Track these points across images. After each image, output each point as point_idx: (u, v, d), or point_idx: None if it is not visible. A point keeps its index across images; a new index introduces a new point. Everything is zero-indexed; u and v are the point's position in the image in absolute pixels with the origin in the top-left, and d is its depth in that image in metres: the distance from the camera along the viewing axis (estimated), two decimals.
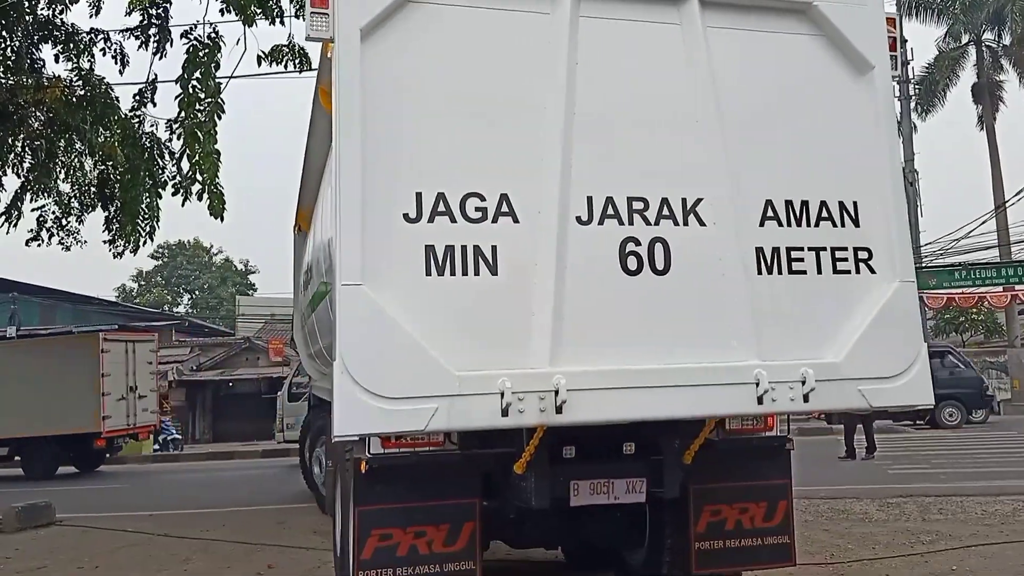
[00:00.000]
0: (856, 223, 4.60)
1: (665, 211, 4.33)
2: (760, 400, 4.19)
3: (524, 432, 4.51)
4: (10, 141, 11.58)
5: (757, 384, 4.17)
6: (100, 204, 12.14)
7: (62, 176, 12.22)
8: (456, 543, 4.84)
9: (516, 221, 4.14)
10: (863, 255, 4.58)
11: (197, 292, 59.92)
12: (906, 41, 30.74)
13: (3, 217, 11.73)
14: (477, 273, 4.05)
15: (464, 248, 4.05)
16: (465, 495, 4.90)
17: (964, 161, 77.57)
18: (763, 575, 5.84)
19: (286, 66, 10.14)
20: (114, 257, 12.03)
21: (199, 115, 9.37)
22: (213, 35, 9.85)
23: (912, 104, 31.88)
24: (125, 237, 11.72)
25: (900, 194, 4.69)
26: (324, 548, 7.78)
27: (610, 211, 4.27)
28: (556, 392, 3.93)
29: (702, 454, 4.99)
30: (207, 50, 9.53)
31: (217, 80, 9.67)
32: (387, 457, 4.73)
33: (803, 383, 4.24)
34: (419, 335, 3.88)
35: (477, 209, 4.10)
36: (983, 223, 28.08)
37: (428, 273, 3.98)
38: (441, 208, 4.06)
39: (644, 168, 4.37)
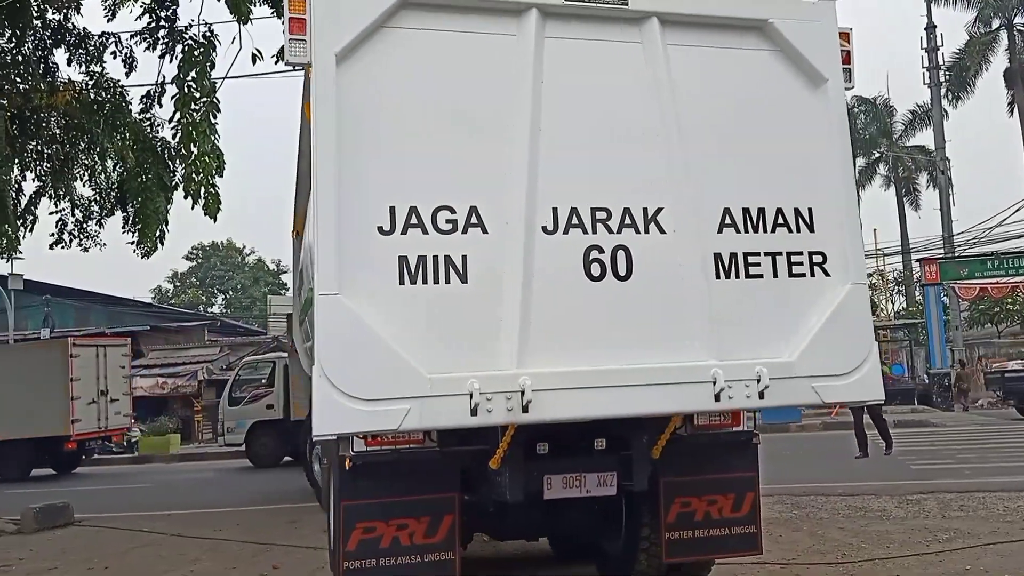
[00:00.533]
0: (811, 228, 4.85)
1: (627, 220, 4.59)
2: (717, 397, 4.45)
3: (499, 430, 4.77)
4: (28, 146, 11.80)
5: (714, 383, 4.43)
6: (120, 207, 12.36)
7: (84, 179, 12.43)
8: (436, 535, 5.11)
9: (485, 232, 4.40)
10: (818, 259, 4.83)
11: (230, 292, 60.55)
12: (935, 27, 30.52)
13: (19, 220, 11.96)
14: (448, 281, 4.31)
15: (436, 258, 4.31)
16: (444, 489, 5.16)
17: (996, 148, 76.92)
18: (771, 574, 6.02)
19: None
20: (141, 258, 12.19)
21: (195, 115, 9.45)
22: (208, 34, 9.97)
23: (943, 91, 31.66)
24: (140, 240, 11.92)
25: (852, 200, 4.94)
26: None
27: (575, 221, 4.52)
28: (522, 392, 4.19)
29: (672, 448, 5.24)
30: (202, 49, 9.62)
31: (212, 80, 9.78)
32: (370, 454, 5.00)
33: (758, 381, 4.48)
34: (393, 340, 4.15)
35: (448, 221, 4.36)
36: (1016, 211, 27.78)
37: (401, 282, 4.25)
38: (414, 220, 4.32)
39: (607, 180, 4.62)
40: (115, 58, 11.53)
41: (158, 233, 11.87)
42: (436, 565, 5.11)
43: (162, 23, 10.72)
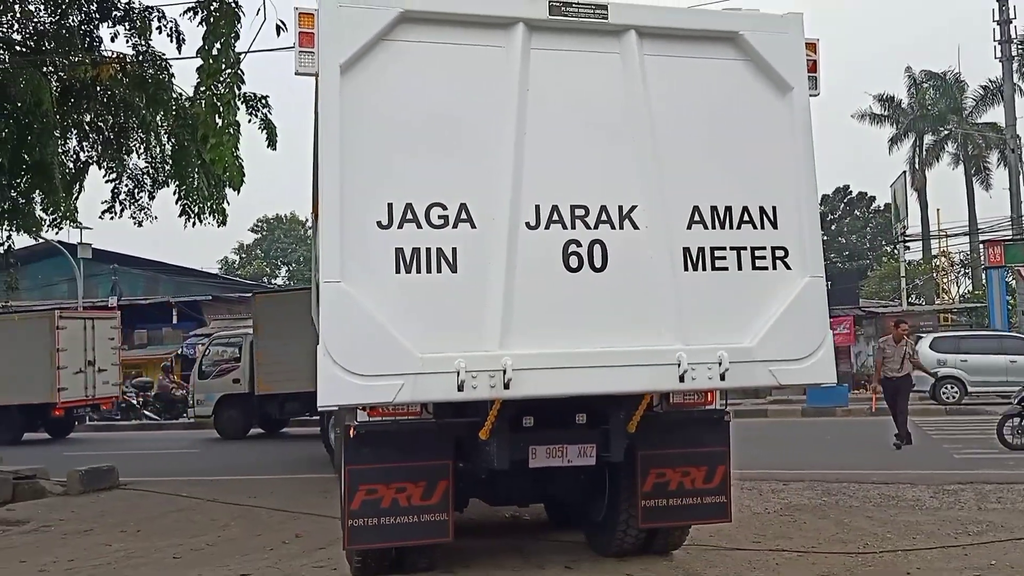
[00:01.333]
0: (775, 225, 5.30)
1: (604, 217, 5.07)
2: (681, 378, 4.94)
3: (487, 404, 5.29)
4: (84, 118, 12.05)
5: (678, 365, 4.92)
6: (170, 181, 12.53)
7: (137, 151, 12.60)
8: (432, 498, 5.65)
9: (473, 227, 4.90)
10: (780, 253, 5.29)
11: (293, 264, 61.63)
12: None
13: (72, 190, 12.26)
14: (439, 271, 4.82)
15: (428, 250, 4.82)
16: (439, 457, 5.69)
17: None
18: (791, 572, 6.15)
19: None
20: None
21: (220, 87, 9.25)
22: (233, 4, 9.75)
23: (1015, 65, 30.39)
24: (183, 213, 12.16)
25: (813, 199, 5.39)
26: None
27: (555, 217, 5.01)
28: (504, 371, 4.71)
29: (648, 424, 5.73)
30: (226, 20, 9.42)
31: (237, 52, 9.56)
32: (372, 424, 5.54)
33: (719, 364, 4.97)
34: (389, 323, 4.67)
35: (440, 217, 4.87)
36: None
37: (397, 271, 4.76)
38: (409, 216, 4.83)
39: (586, 180, 5.09)
40: (160, 33, 11.57)
41: (197, 208, 12.06)
42: (431, 525, 5.66)
43: None
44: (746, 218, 5.28)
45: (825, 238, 52.40)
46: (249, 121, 11.11)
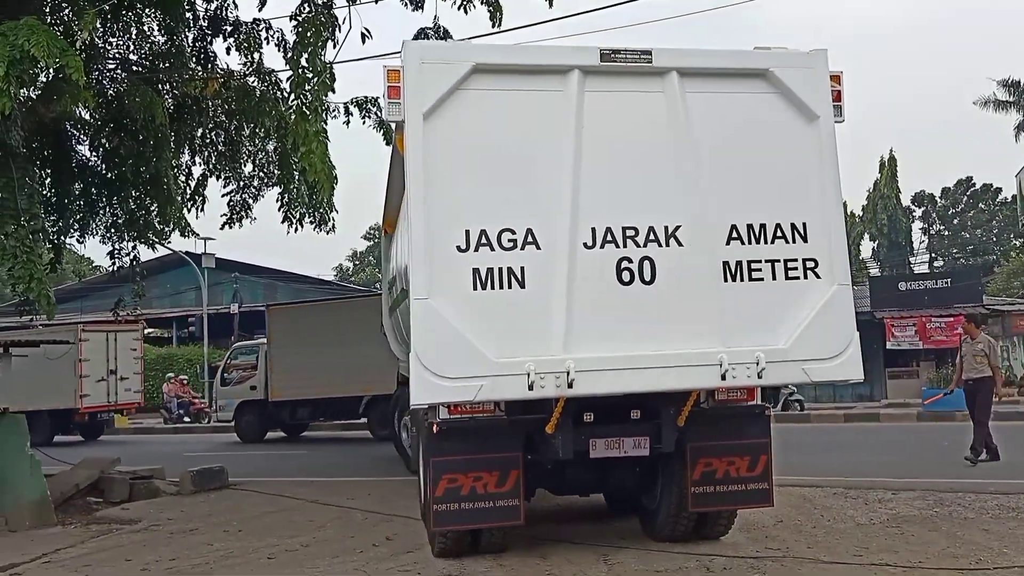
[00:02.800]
0: (805, 239, 5.97)
1: (651, 236, 5.80)
2: (723, 377, 5.65)
3: (552, 401, 6.05)
4: (196, 132, 12.85)
5: (720, 365, 5.62)
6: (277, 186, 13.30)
7: (248, 161, 13.40)
8: (505, 485, 6.42)
9: (538, 248, 5.68)
10: (810, 264, 5.95)
11: None
12: None
13: (190, 202, 13.20)
14: (510, 287, 5.61)
15: (500, 269, 5.61)
16: (511, 449, 6.47)
17: None
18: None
19: None
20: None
21: (308, 95, 9.56)
22: (324, 13, 10.23)
23: None
24: (285, 219, 13.00)
25: (839, 215, 6.06)
26: None
27: (609, 237, 5.76)
28: (567, 372, 5.48)
29: (696, 418, 6.44)
30: (315, 30, 9.78)
31: (325, 60, 9.84)
32: (453, 421, 6.34)
33: (757, 364, 5.67)
34: (469, 333, 5.47)
35: (509, 240, 5.66)
36: None
37: (475, 288, 5.56)
38: (483, 240, 5.63)
39: (635, 204, 5.83)
40: (268, 43, 12.07)
41: (299, 214, 12.85)
42: (505, 510, 6.43)
43: (315, 1, 10.78)
44: (779, 234, 5.95)
45: (947, 233, 50.93)
46: (363, 123, 11.78)
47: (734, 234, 5.92)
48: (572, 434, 6.28)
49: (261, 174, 13.45)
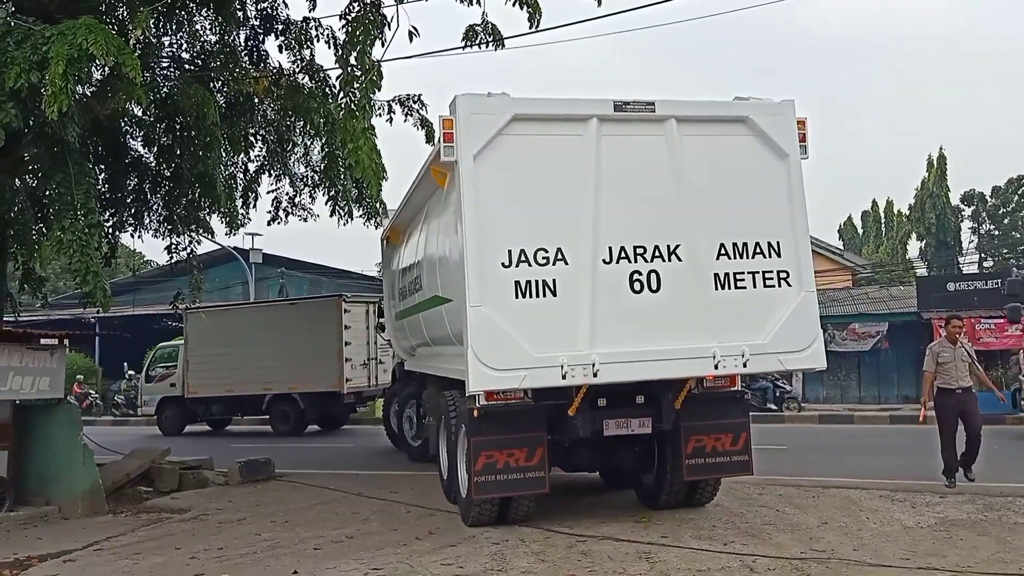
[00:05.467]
0: (779, 255, 7.37)
1: (657, 253, 7.14)
2: (716, 367, 7.02)
3: (573, 390, 7.33)
4: (248, 130, 12.88)
5: (713, 357, 6.99)
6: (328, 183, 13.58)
7: (298, 158, 13.70)
8: (533, 459, 7.65)
9: (567, 264, 6.97)
10: (784, 275, 7.35)
11: None
12: None
13: (241, 199, 13.53)
14: (545, 296, 6.89)
15: (537, 282, 6.89)
16: (537, 430, 7.69)
17: None
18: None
19: (480, 46, 10.12)
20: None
21: (356, 93, 9.42)
22: (373, 12, 10.02)
23: None
24: (333, 213, 13.51)
25: (805, 234, 7.47)
26: None
27: (623, 255, 7.08)
28: (592, 364, 6.79)
29: (689, 402, 7.78)
30: (364, 28, 9.65)
31: (373, 59, 9.67)
32: (490, 406, 7.51)
33: (742, 356, 7.05)
34: (513, 332, 6.74)
35: (543, 258, 6.94)
36: None
37: (517, 297, 6.84)
38: (523, 258, 6.90)
39: (643, 227, 7.17)
40: (318, 41, 12.07)
41: (347, 208, 13.26)
42: (533, 480, 7.67)
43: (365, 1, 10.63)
44: (758, 250, 7.34)
45: (997, 232, 49.79)
46: (405, 120, 11.91)
47: (722, 251, 7.29)
48: (589, 416, 7.57)
49: (311, 172, 13.80)
